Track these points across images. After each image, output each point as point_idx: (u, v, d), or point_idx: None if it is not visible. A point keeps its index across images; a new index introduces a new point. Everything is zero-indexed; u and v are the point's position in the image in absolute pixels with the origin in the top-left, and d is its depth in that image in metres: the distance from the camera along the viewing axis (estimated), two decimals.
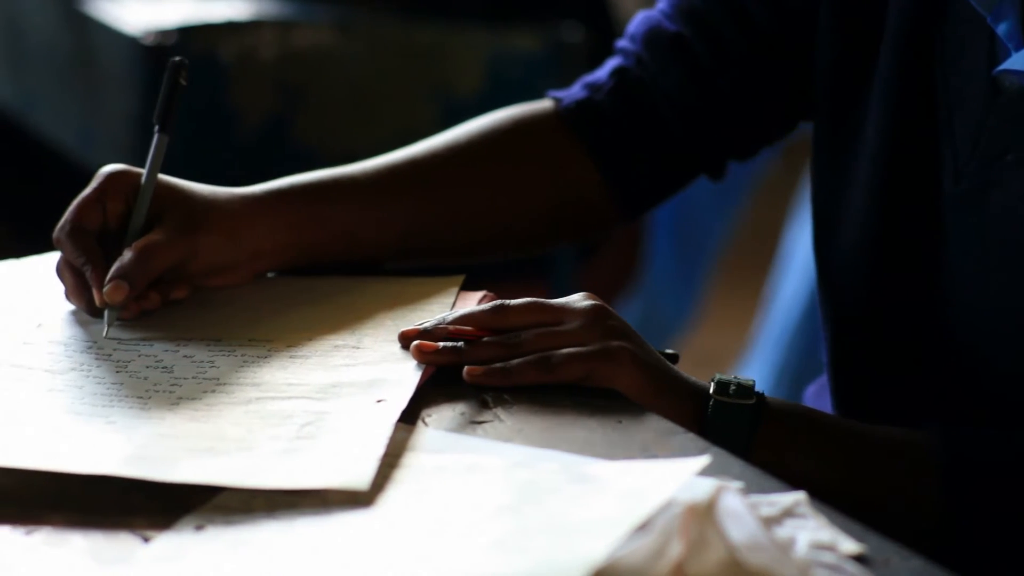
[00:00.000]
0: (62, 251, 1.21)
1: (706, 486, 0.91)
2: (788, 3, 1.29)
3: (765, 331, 3.07)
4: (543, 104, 1.39)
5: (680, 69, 1.34)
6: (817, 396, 1.39)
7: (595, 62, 2.40)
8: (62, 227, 1.21)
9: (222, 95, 2.05)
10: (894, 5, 1.22)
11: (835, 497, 0.99)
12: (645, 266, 3.02)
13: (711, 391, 1.12)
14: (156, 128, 1.23)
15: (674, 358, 1.17)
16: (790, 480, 1.00)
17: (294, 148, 2.13)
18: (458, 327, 1.12)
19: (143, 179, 1.22)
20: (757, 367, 3.00)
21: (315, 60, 2.12)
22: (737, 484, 0.93)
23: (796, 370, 2.93)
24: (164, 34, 2.02)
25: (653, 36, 1.35)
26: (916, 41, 1.20)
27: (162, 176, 1.23)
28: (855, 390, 1.27)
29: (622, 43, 1.38)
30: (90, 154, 2.18)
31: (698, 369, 1.20)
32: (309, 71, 2.12)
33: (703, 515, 0.88)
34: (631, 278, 2.94)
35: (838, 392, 1.29)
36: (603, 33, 2.51)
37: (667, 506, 0.90)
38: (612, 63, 1.38)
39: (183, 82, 1.24)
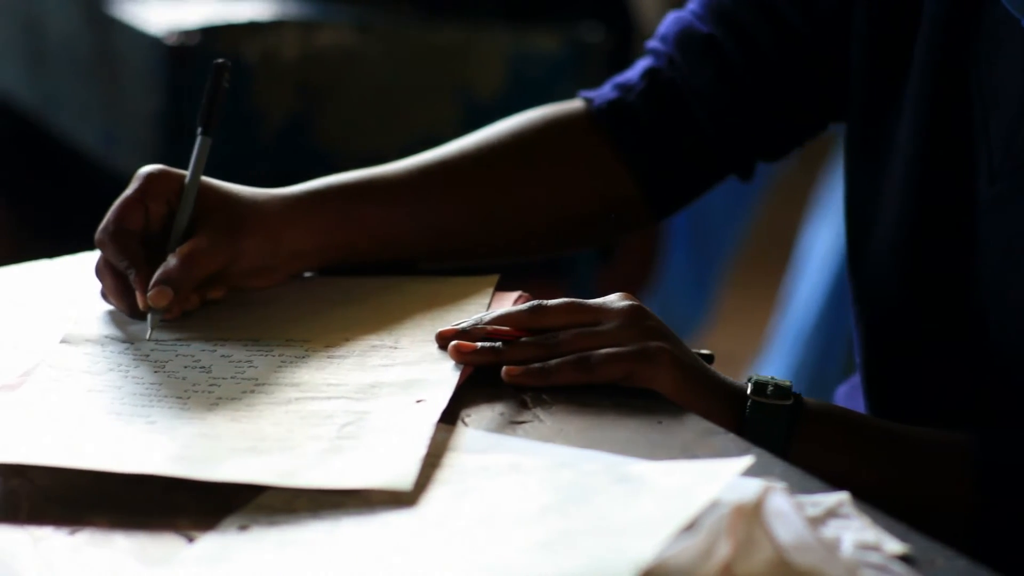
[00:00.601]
0: (104, 252, 1.21)
1: (753, 486, 0.91)
2: (820, 4, 1.29)
3: (781, 332, 3.07)
4: (573, 104, 1.39)
5: (712, 70, 1.33)
6: (849, 397, 1.39)
7: (615, 62, 2.41)
8: (104, 228, 1.21)
9: (244, 95, 2.05)
10: (928, 6, 1.21)
11: (871, 497, 0.99)
12: (662, 267, 3.02)
13: (748, 392, 1.12)
14: (199, 130, 1.23)
15: (710, 358, 1.17)
16: (827, 480, 1.00)
17: (315, 148, 2.13)
18: (496, 327, 1.12)
19: (186, 181, 1.22)
20: (773, 368, 3.00)
21: (337, 60, 2.12)
22: (781, 484, 0.93)
23: (813, 370, 2.93)
24: (187, 34, 2.02)
25: (685, 37, 1.35)
26: (950, 42, 1.20)
27: (204, 178, 1.23)
28: (888, 391, 1.27)
29: (653, 44, 1.38)
30: (112, 154, 2.18)
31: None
32: (331, 71, 2.12)
33: (751, 515, 0.88)
34: (648, 278, 2.94)
35: (871, 393, 1.29)
36: (623, 33, 2.52)
37: (714, 506, 0.90)
38: (643, 64, 1.38)
39: (226, 84, 1.24)
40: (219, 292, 1.23)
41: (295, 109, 2.10)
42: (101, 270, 1.22)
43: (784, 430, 1.11)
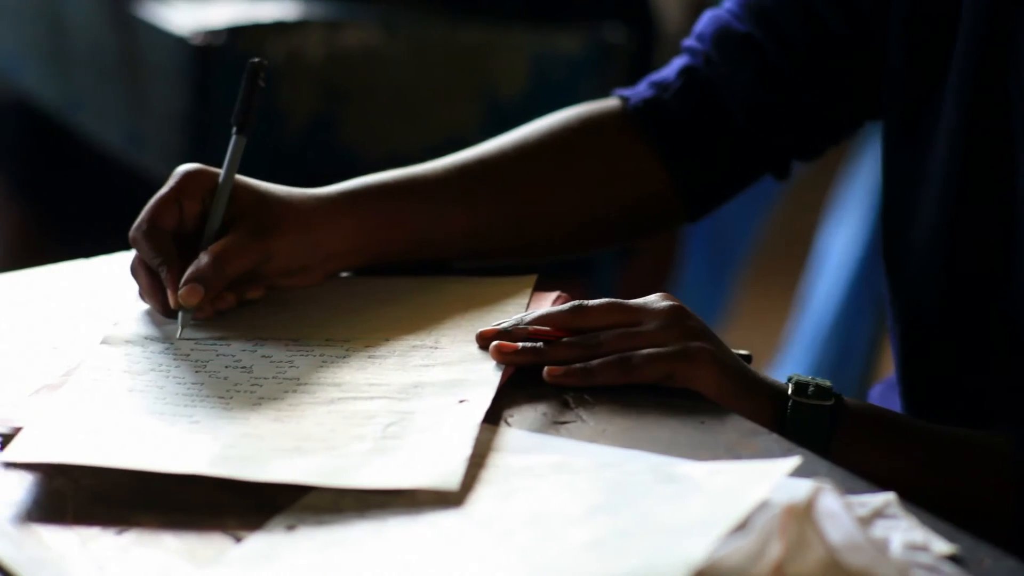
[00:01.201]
0: (138, 250, 1.21)
1: (803, 487, 0.91)
2: (859, 3, 1.29)
3: (799, 333, 3.07)
4: (609, 103, 1.39)
5: (749, 68, 1.33)
6: (883, 397, 1.39)
7: (638, 62, 2.41)
8: (138, 226, 1.21)
9: (269, 95, 2.05)
10: (967, 7, 1.21)
11: (912, 498, 0.98)
12: (680, 266, 3.02)
13: (789, 392, 1.12)
14: (234, 130, 1.23)
15: (748, 359, 1.17)
16: (868, 481, 1.00)
17: (340, 148, 2.13)
18: (537, 327, 1.12)
19: (220, 180, 1.22)
20: (790, 368, 3.00)
21: (362, 60, 2.12)
22: (830, 485, 0.93)
23: (831, 372, 2.93)
24: (213, 34, 2.02)
25: (722, 35, 1.35)
26: (990, 44, 1.20)
27: (239, 177, 1.23)
28: (926, 391, 1.27)
29: (689, 42, 1.38)
30: (136, 154, 2.18)
31: None
32: (355, 72, 2.12)
33: (802, 516, 0.88)
34: (668, 278, 2.94)
35: (908, 393, 1.28)
36: (645, 34, 2.52)
37: (764, 506, 0.90)
38: (679, 62, 1.38)
39: (262, 83, 1.23)
40: (257, 292, 1.23)
41: (319, 109, 2.10)
42: (135, 268, 1.22)
43: (825, 430, 1.11)
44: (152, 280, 1.20)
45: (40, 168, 2.61)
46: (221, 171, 1.23)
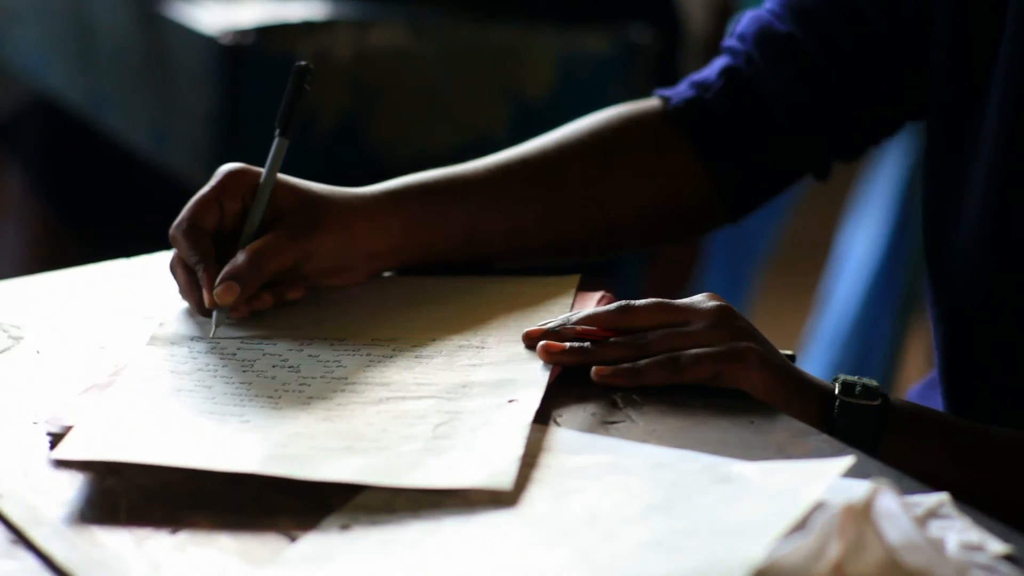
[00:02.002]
0: (177, 248, 1.21)
1: (860, 487, 0.91)
2: (901, 3, 1.29)
3: (818, 333, 3.07)
4: (650, 103, 1.39)
5: (791, 68, 1.33)
6: (923, 397, 1.39)
7: (664, 63, 2.41)
8: (178, 224, 1.21)
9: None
10: (1013, 8, 1.21)
11: (960, 497, 0.98)
12: (701, 266, 3.02)
13: (836, 392, 1.12)
14: (277, 132, 1.23)
15: (792, 358, 1.17)
16: (918, 480, 1.00)
17: (367, 148, 2.13)
18: (584, 327, 1.12)
19: (261, 180, 1.22)
20: (810, 368, 2.99)
21: (389, 61, 2.12)
22: (887, 485, 0.93)
23: (851, 371, 2.92)
24: (242, 34, 2.02)
25: (764, 36, 1.35)
26: None
27: (281, 176, 1.23)
28: (969, 391, 1.27)
29: (730, 43, 1.38)
30: (164, 154, 2.18)
31: None
32: (383, 71, 2.12)
33: (860, 516, 0.88)
34: (690, 279, 2.94)
35: (951, 393, 1.28)
36: (670, 35, 2.51)
37: (823, 506, 0.90)
38: (720, 62, 1.38)
39: (308, 87, 1.23)
40: (297, 293, 1.23)
41: (347, 108, 2.10)
42: (174, 267, 1.22)
43: (873, 430, 1.11)
44: (190, 278, 1.20)
45: (64, 168, 2.61)
46: (263, 171, 1.23)
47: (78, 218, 2.60)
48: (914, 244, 2.96)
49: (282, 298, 1.22)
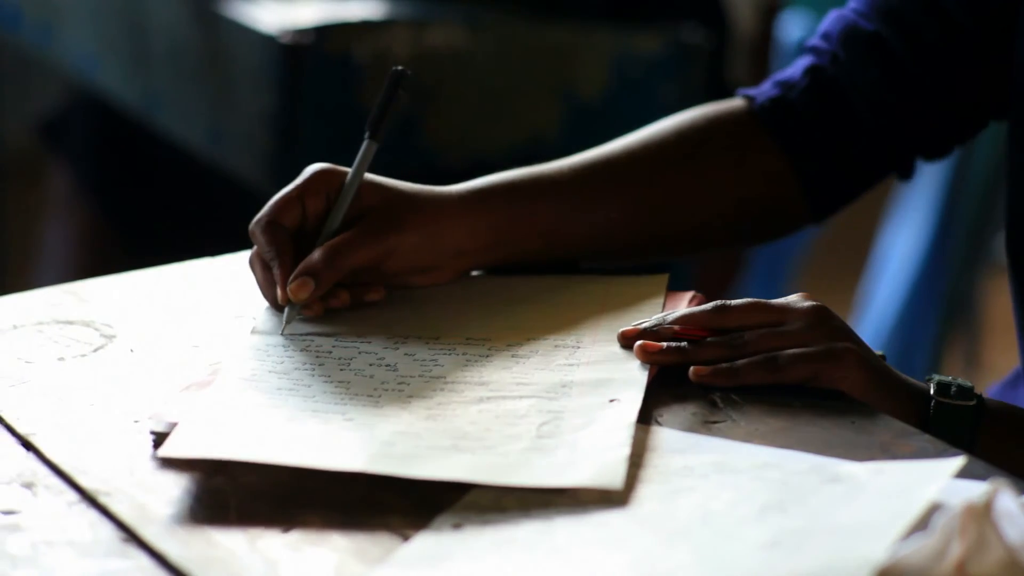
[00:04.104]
0: (255, 244, 1.21)
1: (976, 487, 0.91)
2: (987, 1, 1.29)
3: (860, 333, 3.06)
4: (734, 103, 1.38)
5: (878, 67, 1.33)
6: (1003, 395, 1.38)
7: (712, 63, 2.41)
8: (257, 220, 1.21)
9: (356, 94, 2.06)
10: None
11: None
12: (744, 267, 3.02)
13: (932, 392, 1.12)
14: (367, 134, 1.23)
15: (883, 359, 1.17)
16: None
17: (424, 147, 2.13)
18: (683, 327, 1.12)
19: (347, 180, 1.22)
20: None
21: (446, 60, 2.12)
22: (1006, 485, 0.92)
23: None
24: (302, 33, 2.02)
25: (849, 34, 1.34)
26: None
27: (369, 175, 1.23)
28: None
29: (814, 42, 1.38)
30: (220, 154, 2.18)
31: None
32: (440, 71, 2.12)
33: (981, 516, 0.87)
34: (734, 279, 2.94)
35: None
36: (719, 34, 2.51)
37: (942, 507, 0.89)
38: (804, 62, 1.38)
39: (402, 92, 1.23)
40: (376, 294, 1.22)
41: (404, 108, 2.10)
42: (252, 262, 1.22)
43: (969, 431, 1.11)
44: (267, 275, 1.20)
45: (111, 167, 2.61)
46: (349, 171, 1.23)
47: (124, 217, 2.60)
48: (957, 246, 2.96)
49: (360, 299, 1.22)
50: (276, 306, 1.20)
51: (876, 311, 3.05)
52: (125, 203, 2.61)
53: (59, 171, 2.69)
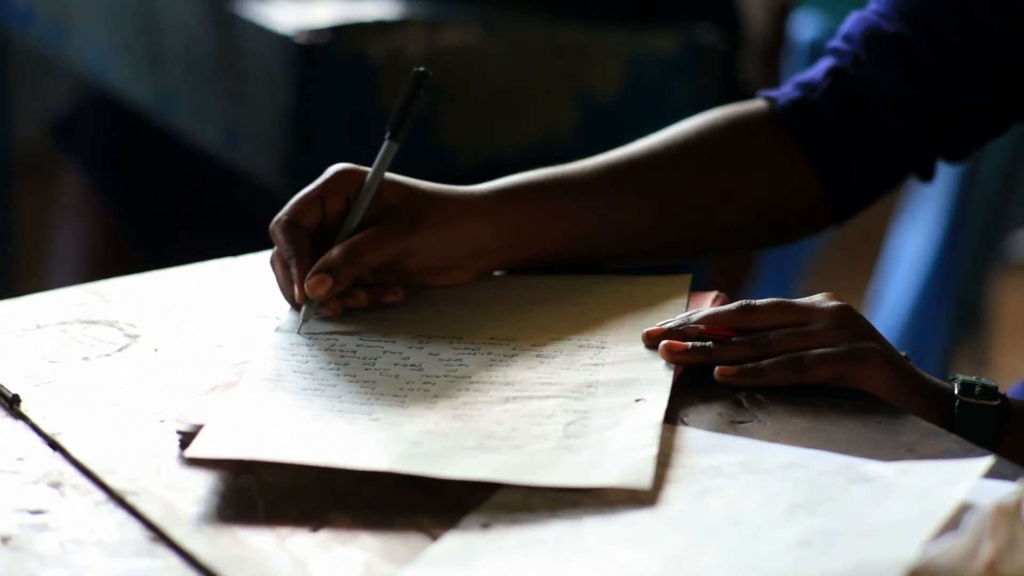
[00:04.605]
0: (275, 243, 1.21)
1: (1005, 487, 0.91)
2: (1011, 1, 1.29)
3: None
4: (755, 104, 1.38)
5: (900, 69, 1.33)
6: (1022, 395, 1.39)
7: (725, 63, 2.40)
8: (277, 220, 1.21)
9: (370, 95, 2.06)
10: None
11: None
12: (755, 266, 3.02)
13: (956, 392, 1.12)
14: (388, 135, 1.23)
15: (907, 358, 1.17)
16: None
17: (439, 148, 2.13)
18: (708, 327, 1.12)
19: (367, 180, 1.22)
20: None
21: (460, 60, 2.12)
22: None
23: None
24: (317, 33, 2.02)
25: (871, 36, 1.34)
26: None
27: (390, 174, 1.23)
28: None
29: (835, 43, 1.38)
30: (234, 153, 2.18)
31: None
32: (454, 71, 2.12)
33: (1011, 516, 0.87)
34: (746, 279, 2.94)
35: None
36: (732, 35, 2.51)
37: (973, 507, 0.90)
38: (825, 63, 1.38)
39: (424, 93, 1.23)
40: (395, 296, 1.22)
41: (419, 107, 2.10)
42: (273, 261, 1.22)
43: (993, 430, 1.11)
44: (287, 274, 1.20)
45: (123, 167, 2.61)
46: (369, 171, 1.23)
47: (136, 217, 2.60)
48: (968, 247, 2.96)
49: (378, 299, 1.22)
50: (295, 305, 1.20)
51: (887, 311, 3.05)
52: (137, 203, 2.61)
53: (71, 171, 2.69)
